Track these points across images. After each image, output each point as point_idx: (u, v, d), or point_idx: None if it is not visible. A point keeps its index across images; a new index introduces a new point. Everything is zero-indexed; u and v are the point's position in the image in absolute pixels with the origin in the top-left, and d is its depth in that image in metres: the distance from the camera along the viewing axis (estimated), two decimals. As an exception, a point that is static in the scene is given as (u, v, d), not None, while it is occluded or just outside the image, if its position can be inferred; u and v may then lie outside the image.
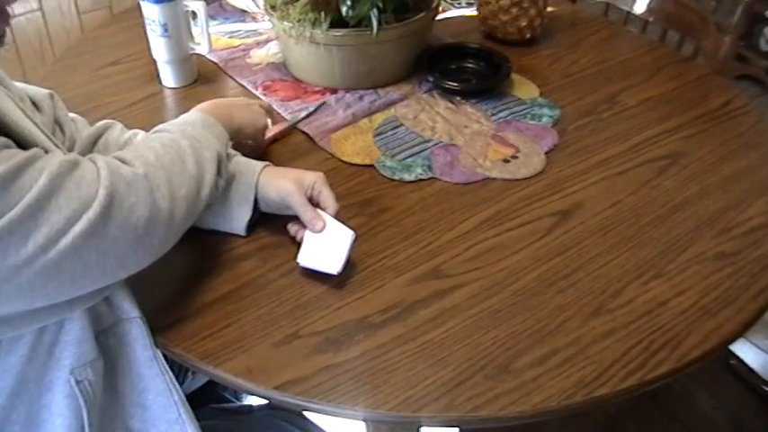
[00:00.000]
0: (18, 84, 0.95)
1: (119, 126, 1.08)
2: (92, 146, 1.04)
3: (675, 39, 1.69)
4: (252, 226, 1.02)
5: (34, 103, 0.96)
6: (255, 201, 0.99)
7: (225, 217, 1.00)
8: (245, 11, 1.65)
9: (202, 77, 1.42)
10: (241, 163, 1.01)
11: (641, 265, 0.99)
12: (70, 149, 1.00)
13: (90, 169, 0.74)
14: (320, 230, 0.95)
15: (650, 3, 1.72)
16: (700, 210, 1.08)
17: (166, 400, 0.88)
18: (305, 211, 0.96)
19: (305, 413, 1.13)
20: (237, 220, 1.00)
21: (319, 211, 0.97)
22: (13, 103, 0.84)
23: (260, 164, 1.01)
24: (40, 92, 0.99)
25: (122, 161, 0.80)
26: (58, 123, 1.00)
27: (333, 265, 0.94)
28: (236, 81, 1.41)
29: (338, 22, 1.27)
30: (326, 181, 0.99)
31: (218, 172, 0.91)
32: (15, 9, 0.64)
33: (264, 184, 0.99)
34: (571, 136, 1.25)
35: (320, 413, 0.84)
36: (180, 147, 0.87)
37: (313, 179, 0.98)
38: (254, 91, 1.38)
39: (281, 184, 0.97)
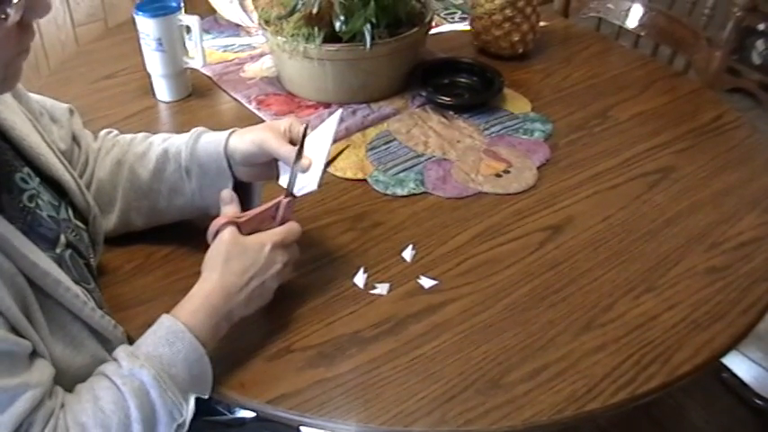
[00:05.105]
0: (36, 96, 0.97)
1: (114, 133, 1.08)
2: (100, 158, 1.04)
3: (667, 53, 1.70)
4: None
5: (52, 117, 0.98)
6: (232, 170, 0.96)
7: (209, 198, 0.97)
8: (239, 25, 1.66)
9: (196, 91, 1.43)
10: (209, 140, 0.98)
11: (632, 279, 0.99)
12: (85, 163, 1.01)
13: None
14: (307, 169, 0.92)
15: (642, 17, 1.74)
16: (690, 224, 1.09)
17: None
18: (287, 151, 0.92)
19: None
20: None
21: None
22: (30, 125, 0.86)
23: (226, 132, 0.98)
24: (58, 106, 1.02)
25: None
26: (75, 138, 1.01)
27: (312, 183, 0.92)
28: (230, 95, 1.42)
29: (332, 37, 1.28)
30: (299, 121, 0.97)
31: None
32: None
33: (237, 144, 0.96)
34: (563, 150, 1.26)
35: (313, 427, 0.85)
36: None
37: (287, 122, 0.96)
38: (247, 105, 1.38)
39: (255, 135, 0.95)
